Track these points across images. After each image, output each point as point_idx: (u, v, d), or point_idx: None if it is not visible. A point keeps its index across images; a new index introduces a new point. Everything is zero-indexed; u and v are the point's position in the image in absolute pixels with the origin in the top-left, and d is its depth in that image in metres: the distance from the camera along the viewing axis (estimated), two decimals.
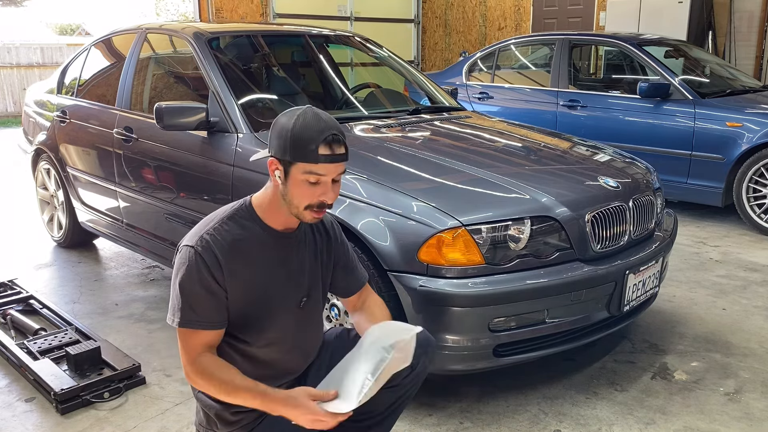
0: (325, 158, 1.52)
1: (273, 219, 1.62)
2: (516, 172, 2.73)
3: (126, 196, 3.56)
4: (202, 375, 1.55)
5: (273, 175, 1.58)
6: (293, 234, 1.66)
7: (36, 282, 3.85)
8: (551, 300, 2.35)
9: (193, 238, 1.58)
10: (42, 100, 4.52)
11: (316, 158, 1.51)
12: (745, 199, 4.78)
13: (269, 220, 1.62)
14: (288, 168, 1.53)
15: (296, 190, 1.55)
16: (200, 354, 1.56)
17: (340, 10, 9.61)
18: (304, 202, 1.55)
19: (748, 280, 3.83)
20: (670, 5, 7.62)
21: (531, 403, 2.52)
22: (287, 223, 1.63)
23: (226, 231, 1.57)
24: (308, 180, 1.53)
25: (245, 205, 1.64)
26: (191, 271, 1.54)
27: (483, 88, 6.39)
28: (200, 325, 1.55)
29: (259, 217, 1.62)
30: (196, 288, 1.54)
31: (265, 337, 1.65)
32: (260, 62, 3.80)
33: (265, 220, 1.62)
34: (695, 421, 2.41)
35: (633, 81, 5.65)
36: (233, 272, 1.56)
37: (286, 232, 1.65)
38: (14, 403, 2.56)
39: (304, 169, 1.52)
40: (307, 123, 1.51)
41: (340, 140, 1.54)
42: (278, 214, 1.61)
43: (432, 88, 4.07)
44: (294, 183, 1.54)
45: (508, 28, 9.63)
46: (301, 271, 1.69)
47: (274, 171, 1.57)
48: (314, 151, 1.50)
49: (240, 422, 1.64)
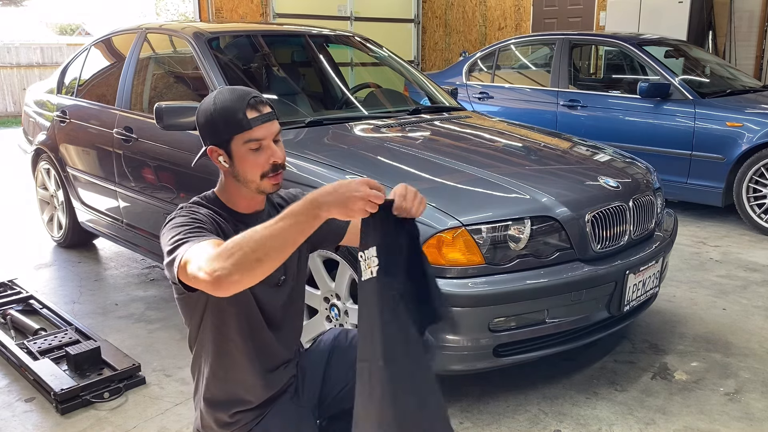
0: (255, 120, 1.52)
1: (238, 203, 1.61)
2: (516, 172, 2.73)
3: (126, 196, 3.56)
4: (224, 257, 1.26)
5: (219, 163, 1.58)
6: (260, 215, 1.63)
7: (36, 282, 3.85)
8: (551, 300, 2.35)
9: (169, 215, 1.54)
10: (42, 100, 4.52)
11: (248, 123, 1.51)
12: (745, 199, 4.78)
13: (234, 205, 1.62)
14: (228, 147, 1.54)
15: (245, 165, 1.54)
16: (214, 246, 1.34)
17: (340, 10, 9.61)
18: (257, 172, 1.54)
19: (748, 280, 3.83)
20: (670, 5, 7.62)
21: (531, 403, 2.52)
22: (252, 204, 1.62)
23: (197, 209, 1.56)
24: (251, 148, 1.53)
25: (210, 195, 1.64)
26: (180, 218, 1.50)
27: (483, 88, 6.39)
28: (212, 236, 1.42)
29: (224, 204, 1.62)
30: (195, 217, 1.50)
31: (255, 319, 1.60)
32: (260, 62, 3.80)
33: (231, 205, 1.62)
34: (695, 421, 2.41)
35: (633, 81, 5.65)
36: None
37: (254, 215, 1.63)
38: (14, 403, 2.56)
39: (242, 140, 1.52)
40: (224, 98, 1.53)
41: (262, 100, 1.55)
42: (240, 197, 1.61)
43: (432, 88, 4.07)
44: (239, 159, 1.54)
45: (508, 28, 9.63)
46: None
47: (217, 159, 1.57)
48: (243, 118, 1.51)
49: (238, 423, 1.64)
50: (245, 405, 1.64)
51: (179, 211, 1.55)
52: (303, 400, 1.75)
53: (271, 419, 1.65)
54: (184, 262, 1.34)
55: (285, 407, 1.69)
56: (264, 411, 1.66)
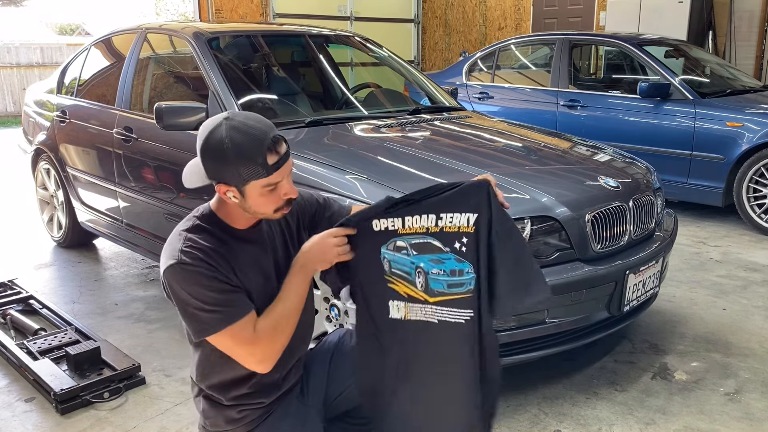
0: (275, 166, 1.44)
1: (237, 222, 1.56)
2: (516, 172, 2.73)
3: (126, 196, 3.56)
4: (269, 341, 1.48)
5: (225, 196, 1.50)
6: (259, 228, 1.61)
7: (36, 282, 3.85)
8: (551, 300, 2.34)
9: (171, 257, 1.46)
10: (42, 100, 4.52)
11: (268, 171, 1.43)
12: (746, 199, 4.78)
13: (233, 222, 1.55)
14: (241, 188, 1.45)
15: (258, 203, 1.48)
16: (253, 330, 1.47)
17: (340, 10, 9.61)
18: (270, 208, 1.50)
19: (748, 280, 3.83)
20: (670, 5, 7.62)
21: (531, 403, 2.52)
22: (251, 220, 1.58)
23: (199, 243, 1.48)
24: (267, 190, 1.46)
25: (206, 213, 1.56)
26: (195, 276, 1.44)
27: (483, 88, 6.39)
28: (245, 309, 1.46)
29: (223, 221, 1.55)
30: (214, 277, 1.44)
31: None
32: (260, 62, 3.80)
33: (229, 222, 1.55)
34: (695, 421, 2.41)
35: (633, 81, 5.65)
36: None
37: (253, 230, 1.59)
38: (14, 403, 2.55)
39: (259, 185, 1.44)
40: (240, 138, 1.41)
41: (280, 138, 1.45)
42: (241, 217, 1.55)
43: (432, 88, 4.07)
44: (253, 199, 1.47)
45: (508, 28, 9.63)
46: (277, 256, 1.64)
47: (225, 193, 1.48)
48: (263, 164, 1.42)
49: (245, 419, 1.63)
50: (255, 405, 1.63)
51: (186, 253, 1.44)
52: (309, 399, 1.75)
53: (277, 417, 1.65)
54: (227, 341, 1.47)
55: (291, 406, 1.69)
56: (270, 409, 1.66)
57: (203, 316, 1.44)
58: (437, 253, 1.54)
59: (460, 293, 1.53)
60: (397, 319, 1.59)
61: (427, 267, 1.54)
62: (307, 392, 1.76)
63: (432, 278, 1.54)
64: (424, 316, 1.57)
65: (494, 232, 1.51)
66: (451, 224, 1.54)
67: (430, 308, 1.56)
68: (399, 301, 1.58)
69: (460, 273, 1.52)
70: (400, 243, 1.57)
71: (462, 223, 1.53)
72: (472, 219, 1.53)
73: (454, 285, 1.53)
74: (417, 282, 1.56)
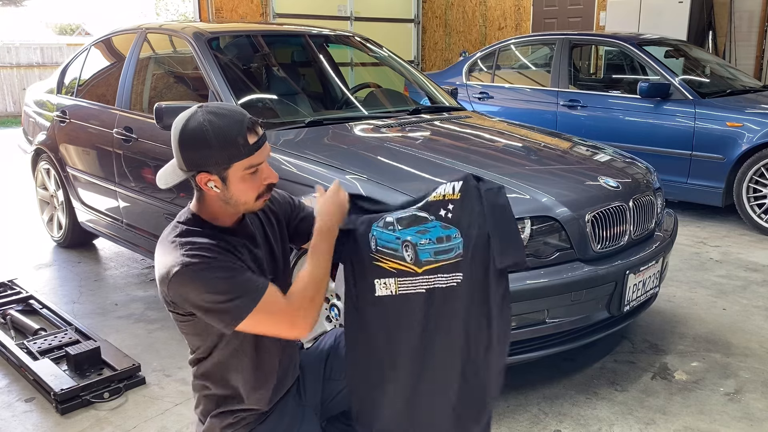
0: (256, 145, 1.45)
1: (222, 220, 1.54)
2: (516, 172, 2.73)
3: (126, 196, 3.56)
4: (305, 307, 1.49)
5: (206, 187, 1.47)
6: (244, 224, 1.60)
7: (36, 282, 3.85)
8: (551, 300, 2.35)
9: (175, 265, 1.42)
10: (42, 100, 4.52)
11: (249, 150, 1.44)
12: (746, 199, 4.78)
13: (218, 221, 1.53)
14: (224, 174, 1.45)
15: (240, 189, 1.47)
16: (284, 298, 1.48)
17: (340, 10, 9.61)
18: (253, 194, 1.49)
19: (748, 280, 3.83)
20: (670, 5, 7.62)
21: (531, 403, 2.52)
22: (235, 217, 1.57)
23: (196, 243, 1.45)
24: (249, 173, 1.46)
25: (189, 217, 1.54)
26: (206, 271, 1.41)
27: (483, 88, 6.39)
28: (264, 283, 1.45)
29: (208, 222, 1.53)
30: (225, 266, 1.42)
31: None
32: (260, 62, 3.80)
33: (214, 222, 1.54)
34: (695, 421, 2.41)
35: (633, 81, 5.65)
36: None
37: (239, 226, 1.58)
38: (14, 403, 2.56)
39: (242, 166, 1.44)
40: (220, 121, 1.42)
41: (257, 121, 1.48)
42: (225, 214, 1.53)
43: (432, 88, 4.07)
44: (235, 184, 1.46)
45: (508, 28, 9.63)
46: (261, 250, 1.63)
47: (206, 184, 1.47)
48: (245, 144, 1.43)
49: (242, 421, 1.63)
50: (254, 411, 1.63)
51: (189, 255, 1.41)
52: (306, 399, 1.75)
53: (274, 419, 1.65)
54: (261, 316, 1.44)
55: (288, 407, 1.69)
56: (268, 412, 1.66)
57: (229, 305, 1.41)
58: (422, 224, 1.57)
59: (448, 259, 1.55)
60: (385, 295, 1.60)
61: (414, 239, 1.56)
62: (303, 392, 1.76)
63: (420, 249, 1.56)
64: (414, 288, 1.58)
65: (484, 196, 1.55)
66: (436, 194, 1.59)
67: (420, 279, 1.57)
68: (387, 278, 1.59)
69: (447, 239, 1.55)
70: (388, 219, 1.60)
71: (447, 191, 1.57)
72: (458, 186, 1.57)
73: (442, 252, 1.55)
74: (406, 256, 1.57)
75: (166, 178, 1.53)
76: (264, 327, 1.47)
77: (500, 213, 1.54)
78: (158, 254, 1.50)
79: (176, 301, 1.47)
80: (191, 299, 1.43)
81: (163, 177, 1.54)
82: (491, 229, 1.53)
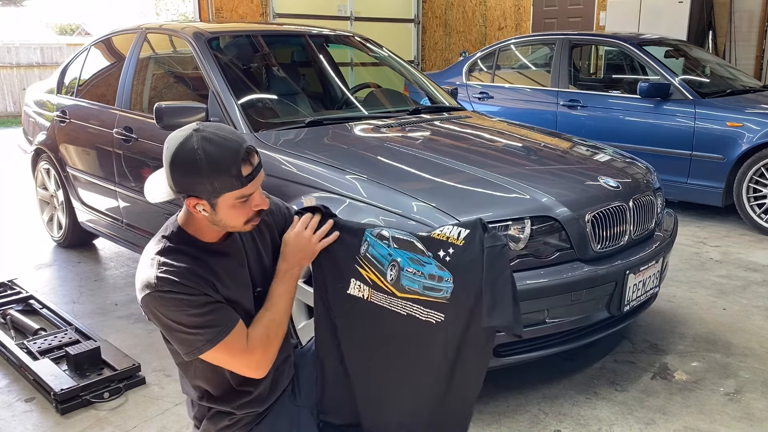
0: (249, 177, 1.39)
1: (208, 236, 1.51)
2: (516, 172, 2.73)
3: (126, 196, 3.56)
4: (263, 349, 1.50)
5: (194, 210, 1.44)
6: (231, 240, 1.57)
7: (36, 282, 3.85)
8: (551, 300, 2.34)
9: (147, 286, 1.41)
10: (42, 100, 4.52)
11: (242, 182, 1.38)
12: (746, 199, 4.78)
13: (204, 237, 1.50)
14: (213, 201, 1.40)
15: (230, 215, 1.43)
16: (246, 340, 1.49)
17: (340, 10, 9.61)
18: (241, 220, 1.46)
19: (748, 280, 3.83)
20: (670, 5, 7.62)
21: (531, 403, 2.52)
22: (221, 233, 1.53)
23: (173, 267, 1.43)
24: (240, 202, 1.42)
25: (174, 231, 1.50)
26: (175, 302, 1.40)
27: (483, 88, 6.39)
28: (232, 322, 1.45)
29: (193, 237, 1.49)
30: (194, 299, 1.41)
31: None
32: (260, 62, 3.80)
33: (200, 237, 1.50)
34: (695, 421, 2.41)
35: (633, 81, 5.65)
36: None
37: (224, 242, 1.55)
38: (14, 403, 2.56)
39: (233, 196, 1.40)
40: (214, 149, 1.36)
41: (253, 148, 1.41)
42: (211, 231, 1.50)
43: (432, 88, 4.07)
44: (225, 210, 1.42)
45: (508, 28, 9.63)
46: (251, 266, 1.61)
47: (194, 206, 1.42)
48: (238, 175, 1.37)
49: (239, 423, 1.63)
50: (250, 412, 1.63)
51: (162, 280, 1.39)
52: (301, 400, 1.75)
53: (271, 419, 1.65)
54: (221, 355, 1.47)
55: (284, 407, 1.69)
56: (264, 413, 1.65)
57: (191, 338, 1.43)
58: (418, 254, 1.54)
59: (435, 297, 1.51)
60: (356, 296, 1.60)
61: (403, 263, 1.54)
62: (299, 392, 1.75)
63: (406, 275, 1.53)
64: (390, 306, 1.56)
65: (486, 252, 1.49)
66: (440, 233, 1.54)
67: (398, 302, 1.55)
68: (362, 283, 1.59)
69: (439, 279, 1.51)
70: (384, 233, 1.58)
71: (452, 234, 1.52)
72: (464, 234, 1.51)
73: (431, 289, 1.52)
74: (388, 274, 1.55)
75: (154, 192, 1.48)
76: (223, 363, 1.50)
77: (499, 271, 1.48)
78: (139, 265, 1.49)
79: (147, 315, 1.49)
80: (158, 320, 1.46)
81: (152, 191, 1.48)
82: (485, 286, 1.47)
